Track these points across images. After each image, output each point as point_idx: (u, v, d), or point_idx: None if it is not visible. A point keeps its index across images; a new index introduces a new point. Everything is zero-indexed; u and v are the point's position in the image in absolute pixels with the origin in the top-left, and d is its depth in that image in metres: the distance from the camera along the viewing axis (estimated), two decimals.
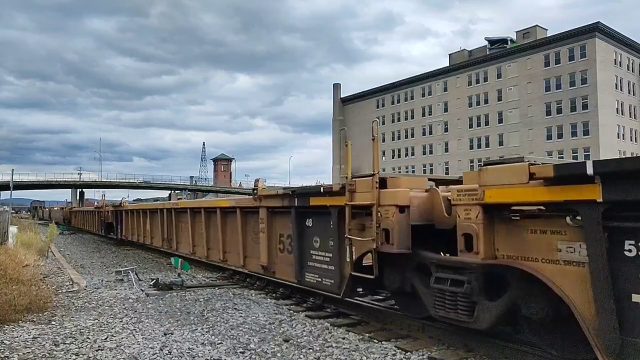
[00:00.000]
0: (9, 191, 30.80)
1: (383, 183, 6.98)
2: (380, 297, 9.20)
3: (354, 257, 7.34)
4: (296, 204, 8.97)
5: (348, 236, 7.30)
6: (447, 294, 5.96)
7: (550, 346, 5.41)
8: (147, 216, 19.43)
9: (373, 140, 7.12)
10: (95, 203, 40.56)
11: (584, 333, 4.63)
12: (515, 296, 5.43)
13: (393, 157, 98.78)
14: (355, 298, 8.64)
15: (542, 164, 5.07)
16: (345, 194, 7.37)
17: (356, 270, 7.35)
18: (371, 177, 6.94)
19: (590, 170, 4.35)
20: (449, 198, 6.16)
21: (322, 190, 8.16)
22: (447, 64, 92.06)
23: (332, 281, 8.07)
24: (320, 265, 8.49)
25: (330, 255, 8.20)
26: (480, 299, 5.67)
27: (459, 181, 7.48)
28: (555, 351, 5.36)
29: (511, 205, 5.31)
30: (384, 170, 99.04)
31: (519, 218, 5.29)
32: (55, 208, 69.60)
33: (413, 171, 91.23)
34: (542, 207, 5.07)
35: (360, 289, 8.15)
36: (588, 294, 4.56)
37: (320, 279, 8.44)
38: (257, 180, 10.52)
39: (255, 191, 10.34)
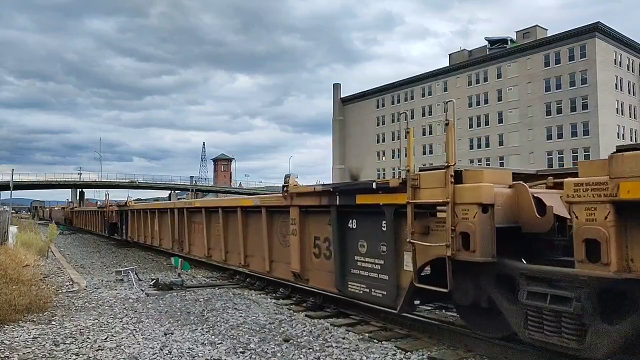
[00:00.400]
0: (9, 191, 30.77)
1: (458, 177, 5.83)
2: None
3: (417, 265, 6.23)
4: (337, 203, 7.85)
5: (411, 241, 6.15)
6: (547, 313, 4.97)
7: None
8: (156, 216, 18.32)
9: (447, 125, 5.97)
10: (98, 203, 39.97)
11: None
12: None
13: (393, 157, 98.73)
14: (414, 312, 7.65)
15: None
16: (407, 190, 6.24)
17: (419, 281, 6.25)
18: (444, 170, 5.80)
19: None
20: (536, 196, 5.53)
21: (374, 186, 7.01)
22: (447, 64, 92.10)
23: (385, 292, 7.00)
24: (368, 274, 7.37)
25: (382, 262, 7.14)
26: (595, 321, 4.68)
27: (540, 177, 6.87)
28: None
29: None
30: (383, 170, 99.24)
31: None
32: (56, 208, 69.17)
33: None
34: None
35: (418, 302, 6.78)
36: None
37: (368, 290, 7.33)
38: (287, 176, 9.41)
39: (285, 188, 9.21)
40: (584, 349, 4.74)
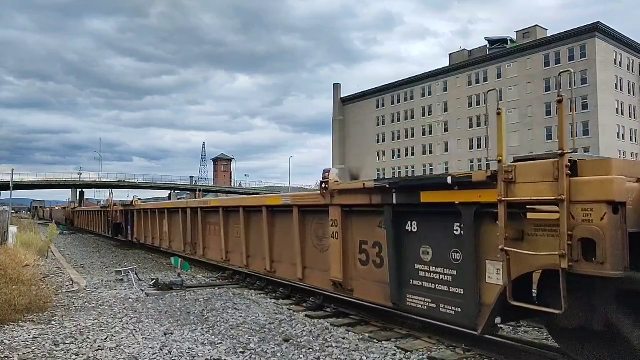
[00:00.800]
0: (9, 191, 30.75)
1: (574, 168, 4.69)
2: None
3: (510, 278, 5.08)
4: (394, 201, 6.68)
5: (505, 248, 5.01)
6: None
7: None
8: (165, 216, 17.09)
9: (499, 114, 5.48)
10: (101, 202, 39.19)
11: None
12: None
13: (393, 157, 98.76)
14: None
15: None
16: (498, 185, 5.15)
17: (516, 298, 5.01)
18: (555, 160, 4.70)
19: None
20: None
21: (449, 181, 5.86)
22: (447, 64, 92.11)
23: (459, 310, 5.88)
24: (435, 287, 6.25)
25: (454, 273, 6.01)
26: None
27: None
28: None
29: None
30: (383, 170, 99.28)
31: None
32: (57, 208, 68.60)
33: (413, 171, 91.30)
34: None
35: (499, 320, 5.56)
36: None
37: (434, 305, 6.21)
38: (326, 171, 8.12)
39: (324, 185, 8.05)
40: None
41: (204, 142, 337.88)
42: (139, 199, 22.62)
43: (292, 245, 9.24)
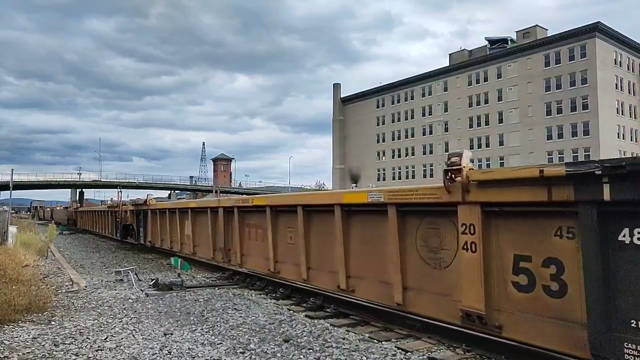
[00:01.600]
0: (9, 191, 30.71)
1: None
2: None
3: None
4: (604, 197, 4.36)
5: None
6: None
7: None
8: (188, 217, 14.96)
9: None
10: (108, 201, 36.15)
11: None
12: None
13: (393, 157, 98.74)
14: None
15: None
16: None
17: None
18: None
19: None
20: None
21: None
22: (447, 64, 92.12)
23: None
24: None
25: None
26: None
27: None
28: None
29: None
30: (383, 170, 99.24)
31: None
32: (58, 208, 67.50)
33: (413, 171, 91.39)
34: None
35: None
36: None
37: None
38: (456, 155, 5.85)
39: (450, 175, 5.81)
40: None
41: (204, 142, 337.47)
42: (153, 198, 20.96)
43: (383, 257, 7.21)
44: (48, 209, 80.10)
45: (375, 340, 6.89)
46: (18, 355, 6.19)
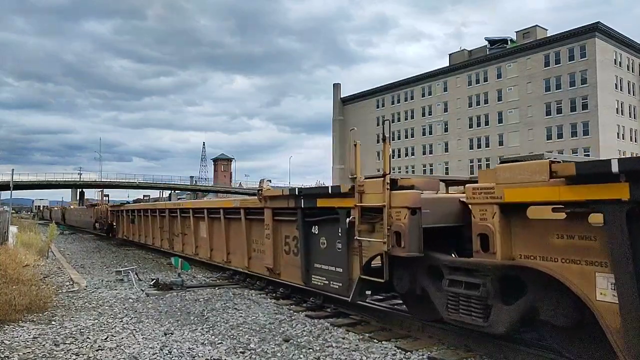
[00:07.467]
0: (9, 191, 30.70)
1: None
2: (380, 297, 9.15)
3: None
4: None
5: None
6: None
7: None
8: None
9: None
10: (146, 198, 33.26)
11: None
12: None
13: (393, 157, 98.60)
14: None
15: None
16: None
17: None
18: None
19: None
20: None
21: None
22: (444, 65, 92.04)
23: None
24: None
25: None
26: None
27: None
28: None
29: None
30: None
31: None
32: (72, 207, 55.81)
33: (413, 171, 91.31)
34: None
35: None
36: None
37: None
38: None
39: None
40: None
41: (204, 142, 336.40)
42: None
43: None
44: (56, 208, 65.00)
45: (375, 340, 6.91)
46: (18, 355, 6.20)
